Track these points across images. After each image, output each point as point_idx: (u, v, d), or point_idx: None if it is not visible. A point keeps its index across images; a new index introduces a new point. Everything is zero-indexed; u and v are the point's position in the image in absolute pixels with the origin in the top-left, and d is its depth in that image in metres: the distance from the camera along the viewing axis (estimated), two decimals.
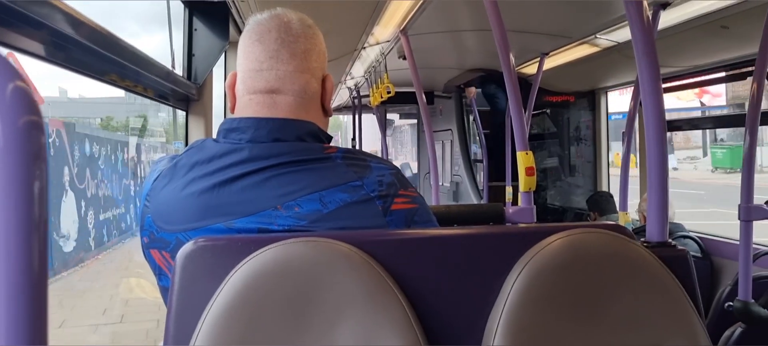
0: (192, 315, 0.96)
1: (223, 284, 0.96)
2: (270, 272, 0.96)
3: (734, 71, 3.64)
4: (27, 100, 0.49)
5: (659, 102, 1.34)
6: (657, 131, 1.33)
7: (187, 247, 1.00)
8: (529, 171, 2.23)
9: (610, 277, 1.03)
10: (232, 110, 1.19)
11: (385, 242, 1.04)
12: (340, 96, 8.17)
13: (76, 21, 1.24)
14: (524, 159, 2.23)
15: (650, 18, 1.39)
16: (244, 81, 1.16)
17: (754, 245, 2.28)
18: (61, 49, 1.26)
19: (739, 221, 2.23)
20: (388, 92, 4.71)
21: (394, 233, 1.08)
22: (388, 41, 4.14)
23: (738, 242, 2.24)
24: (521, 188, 2.27)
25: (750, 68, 2.98)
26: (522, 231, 1.18)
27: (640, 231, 3.51)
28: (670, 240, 1.32)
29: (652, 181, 1.34)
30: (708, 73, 3.98)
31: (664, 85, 1.44)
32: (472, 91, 5.59)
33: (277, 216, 1.04)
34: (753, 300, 2.20)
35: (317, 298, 0.96)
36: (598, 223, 1.14)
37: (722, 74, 3.82)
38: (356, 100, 7.34)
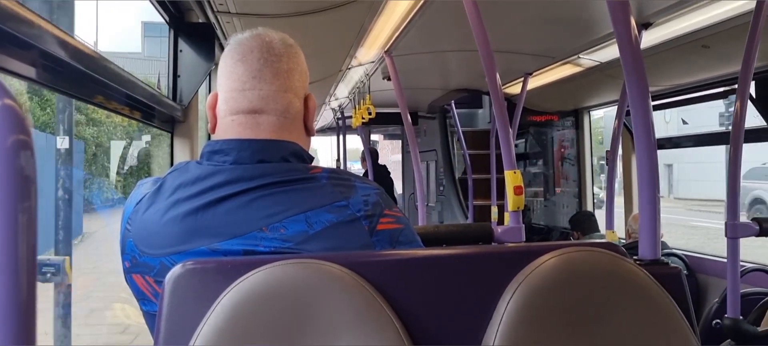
0: (181, 340, 0.94)
1: (213, 308, 0.94)
2: (260, 295, 0.94)
3: (717, 89, 3.68)
4: (16, 119, 0.48)
5: (649, 120, 1.34)
6: (647, 149, 1.33)
7: (176, 270, 0.98)
8: (517, 190, 2.22)
9: (605, 296, 1.03)
10: (213, 131, 1.18)
11: (376, 263, 1.03)
12: (325, 117, 8.17)
13: (62, 42, 1.22)
14: (512, 178, 2.23)
15: (637, 37, 1.40)
16: (226, 101, 1.14)
17: (740, 262, 2.29)
18: (48, 70, 1.24)
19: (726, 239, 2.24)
20: (369, 113, 4.71)
21: (385, 253, 1.06)
22: (373, 62, 4.14)
23: (722, 259, 2.25)
24: (510, 207, 2.26)
25: (733, 86, 3.02)
26: (514, 250, 1.17)
27: (628, 249, 3.50)
28: (662, 258, 1.32)
29: (644, 199, 1.34)
30: (691, 92, 4.02)
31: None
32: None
33: (263, 238, 1.03)
34: (742, 317, 2.20)
35: (309, 320, 0.94)
36: (591, 242, 1.14)
37: (706, 93, 3.86)
38: (340, 122, 7.33)
